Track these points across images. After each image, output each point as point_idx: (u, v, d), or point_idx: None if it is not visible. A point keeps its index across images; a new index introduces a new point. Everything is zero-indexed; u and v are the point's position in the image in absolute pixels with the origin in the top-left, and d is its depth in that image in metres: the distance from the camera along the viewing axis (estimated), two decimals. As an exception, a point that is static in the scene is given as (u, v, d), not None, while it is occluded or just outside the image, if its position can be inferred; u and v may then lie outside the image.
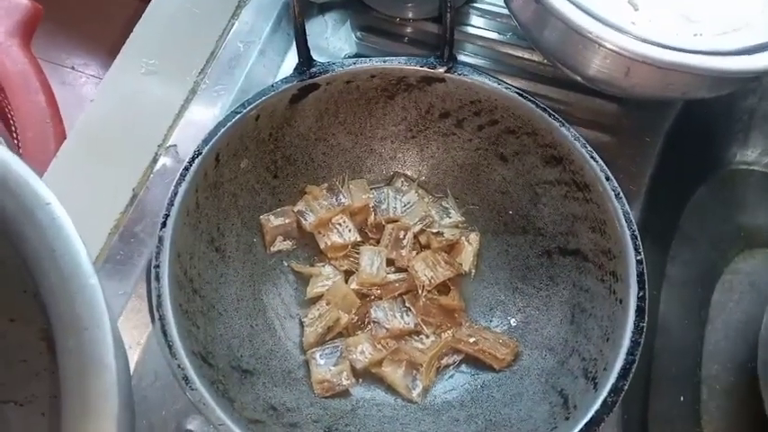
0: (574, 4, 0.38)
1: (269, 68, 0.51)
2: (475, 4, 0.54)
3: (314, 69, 0.41)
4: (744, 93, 0.56)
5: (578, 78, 0.45)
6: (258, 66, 0.51)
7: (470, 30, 0.53)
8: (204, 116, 0.48)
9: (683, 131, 0.52)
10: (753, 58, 0.38)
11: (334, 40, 0.53)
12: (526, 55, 0.52)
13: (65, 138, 0.49)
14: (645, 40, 0.37)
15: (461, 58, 0.52)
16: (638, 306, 0.34)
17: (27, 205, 0.27)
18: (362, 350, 0.39)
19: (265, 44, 0.51)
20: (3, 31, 0.55)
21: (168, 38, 0.51)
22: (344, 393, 0.38)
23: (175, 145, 0.47)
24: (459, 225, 0.44)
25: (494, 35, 0.53)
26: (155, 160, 0.46)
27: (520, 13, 0.45)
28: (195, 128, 0.47)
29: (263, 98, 0.40)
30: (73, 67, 0.97)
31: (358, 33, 0.53)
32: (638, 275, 0.35)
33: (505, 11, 0.52)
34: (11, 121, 0.56)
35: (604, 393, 0.32)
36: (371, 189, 0.45)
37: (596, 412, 0.32)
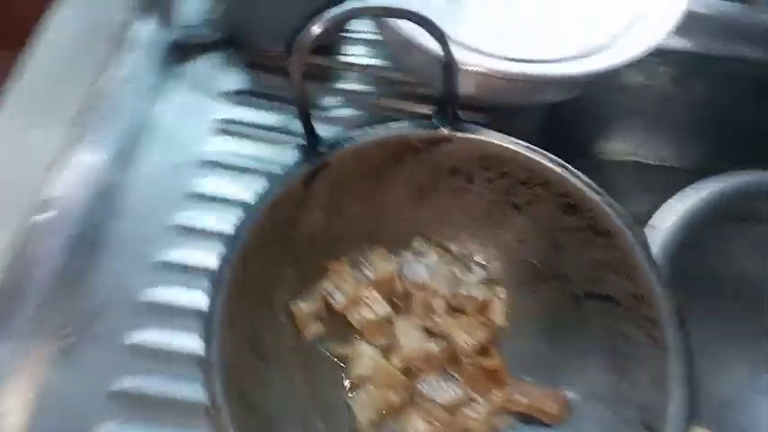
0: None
1: (146, 111, 0.52)
2: (347, 34, 0.59)
3: (321, 148, 0.40)
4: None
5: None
6: (137, 108, 0.52)
7: (349, 58, 0.58)
8: (86, 164, 0.47)
9: (551, 131, 0.57)
10: (571, 64, 0.46)
11: (223, 79, 0.55)
12: (400, 77, 0.57)
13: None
14: (494, 56, 0.45)
15: (343, 86, 0.56)
16: (681, 352, 0.36)
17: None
18: (416, 429, 0.39)
19: (144, 87, 0.53)
20: None
21: (39, 92, 0.49)
22: (408, 474, 0.38)
23: (58, 197, 0.45)
24: (484, 281, 0.44)
25: (372, 61, 0.58)
26: (34, 214, 0.44)
27: (390, 44, 0.52)
28: (76, 177, 0.47)
29: (279, 189, 0.39)
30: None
31: (246, 70, 0.56)
32: (678, 321, 0.36)
33: (378, 37, 0.58)
34: None
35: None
36: (391, 256, 0.44)
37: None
